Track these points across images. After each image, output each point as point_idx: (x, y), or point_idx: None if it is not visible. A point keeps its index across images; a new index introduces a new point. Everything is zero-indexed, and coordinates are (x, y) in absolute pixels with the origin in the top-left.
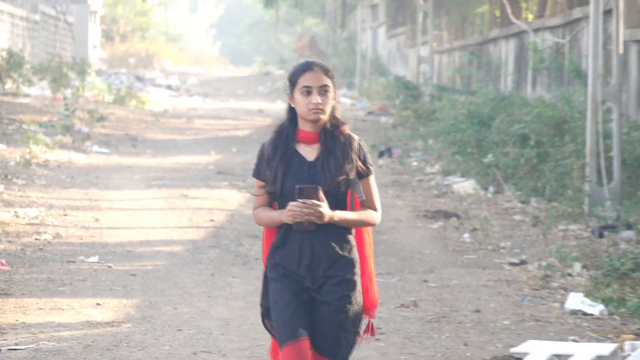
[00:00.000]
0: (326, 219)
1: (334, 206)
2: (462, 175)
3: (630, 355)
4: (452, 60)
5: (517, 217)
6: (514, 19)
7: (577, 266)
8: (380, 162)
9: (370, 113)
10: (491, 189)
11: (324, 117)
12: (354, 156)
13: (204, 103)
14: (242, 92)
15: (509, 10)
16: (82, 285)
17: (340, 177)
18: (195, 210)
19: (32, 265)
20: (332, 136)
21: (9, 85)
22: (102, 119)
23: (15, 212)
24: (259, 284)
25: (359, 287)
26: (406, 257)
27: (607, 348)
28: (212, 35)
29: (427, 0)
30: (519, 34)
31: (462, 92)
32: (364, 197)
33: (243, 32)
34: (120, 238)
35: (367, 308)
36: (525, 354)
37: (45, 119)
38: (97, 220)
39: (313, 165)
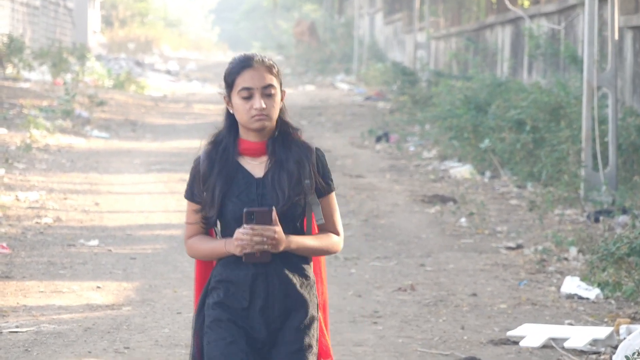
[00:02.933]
0: (282, 247)
1: (288, 231)
2: (459, 160)
3: (625, 338)
4: (449, 46)
5: (514, 202)
6: (510, 5)
7: (573, 250)
8: (378, 147)
9: (367, 98)
10: (488, 173)
11: (270, 124)
12: (313, 169)
13: (203, 88)
14: None
15: None
16: (83, 269)
17: (297, 196)
18: None
19: (33, 249)
20: (283, 146)
21: (10, 70)
22: (101, 103)
23: (16, 195)
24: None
25: (317, 334)
26: (403, 241)
27: (602, 332)
28: (211, 21)
29: None
30: (515, 20)
31: (459, 77)
32: (323, 220)
33: (241, 17)
34: (120, 222)
35: (321, 355)
36: (522, 337)
37: (45, 103)
38: (97, 204)
39: (262, 183)
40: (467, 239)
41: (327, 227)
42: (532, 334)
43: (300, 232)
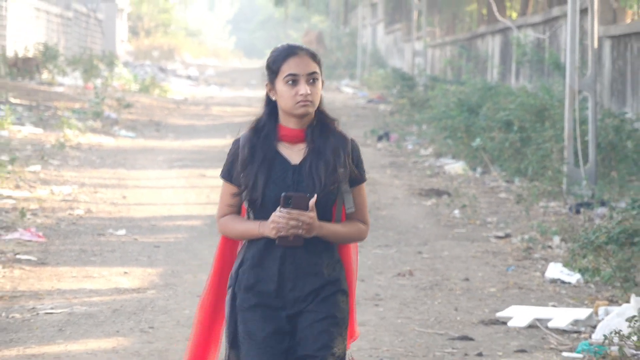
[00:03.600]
0: (315, 231)
1: (319, 217)
2: (453, 157)
3: (603, 319)
4: (444, 53)
5: (502, 195)
6: (499, 17)
7: (556, 239)
8: (379, 145)
9: (370, 101)
10: (479, 169)
11: (313, 110)
12: (348, 159)
13: (221, 92)
14: (255, 82)
15: (495, 8)
16: (111, 256)
17: (332, 185)
18: (212, 188)
19: (66, 238)
20: (321, 135)
21: (45, 75)
22: (128, 106)
23: (51, 189)
24: None
25: (346, 312)
26: (402, 231)
27: (583, 313)
28: (228, 31)
29: (418, 0)
30: (504, 30)
31: (453, 82)
32: (354, 209)
33: (255, 28)
34: (145, 213)
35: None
36: (510, 317)
37: (77, 106)
38: (124, 197)
39: (298, 170)
40: (460, 229)
41: (356, 216)
42: (519, 315)
43: (330, 218)
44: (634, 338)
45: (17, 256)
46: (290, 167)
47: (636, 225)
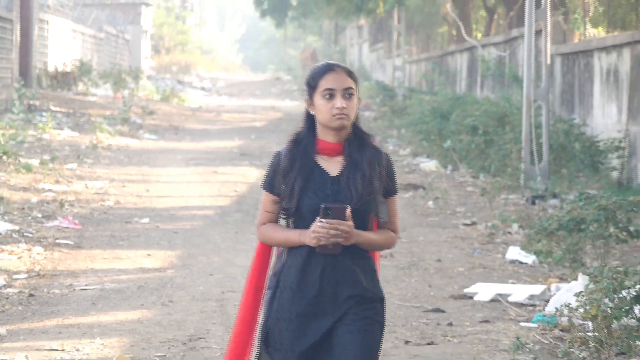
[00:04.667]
0: (352, 239)
1: (356, 226)
2: (428, 157)
3: (555, 294)
4: (420, 68)
5: (469, 189)
6: (466, 37)
7: (515, 226)
8: None
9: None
10: (449, 167)
11: (349, 124)
12: (382, 172)
13: (230, 101)
14: (259, 92)
15: (462, 30)
16: (137, 240)
17: (368, 196)
18: (223, 183)
19: (98, 225)
20: (358, 149)
21: (80, 87)
22: (151, 113)
23: (86, 184)
24: None
25: (382, 316)
26: None
27: (538, 289)
28: (236, 49)
29: (400, 22)
30: (471, 49)
31: (427, 93)
32: (387, 218)
33: (260, 46)
34: (166, 204)
35: None
36: (475, 293)
37: (108, 113)
38: (147, 190)
39: (337, 181)
40: (434, 218)
41: (388, 225)
42: (483, 291)
43: (365, 227)
44: (581, 310)
45: (57, 241)
46: (329, 178)
47: (582, 214)
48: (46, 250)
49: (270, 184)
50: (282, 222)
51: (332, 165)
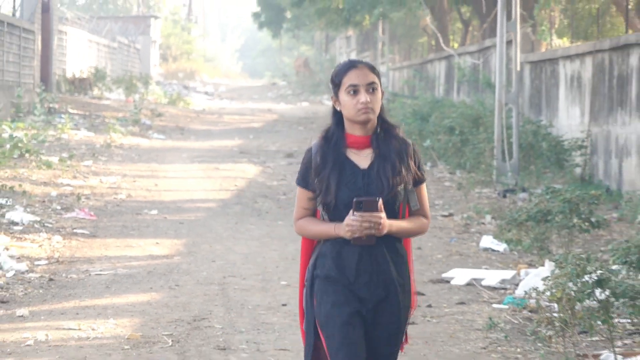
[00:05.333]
0: (385, 230)
1: (389, 216)
2: None
3: (524, 279)
4: (402, 75)
5: (447, 184)
6: (444, 47)
7: (488, 217)
8: None
9: None
10: (429, 164)
11: (374, 117)
12: (410, 162)
13: (230, 104)
14: (256, 96)
15: (441, 40)
16: (146, 230)
17: (399, 186)
18: (224, 178)
19: (112, 216)
20: (385, 140)
21: (96, 91)
22: (159, 115)
23: (100, 179)
24: (269, 230)
25: (409, 300)
26: None
27: (508, 274)
28: (236, 57)
29: (384, 34)
30: (448, 57)
31: (409, 97)
32: (418, 206)
33: (257, 55)
34: (172, 197)
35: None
36: (452, 277)
37: (120, 115)
38: (156, 185)
39: (367, 174)
40: None
41: (420, 212)
42: (459, 276)
43: (397, 216)
44: (548, 293)
45: (74, 230)
46: (360, 171)
47: (549, 206)
48: (64, 239)
49: (304, 181)
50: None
51: (362, 159)
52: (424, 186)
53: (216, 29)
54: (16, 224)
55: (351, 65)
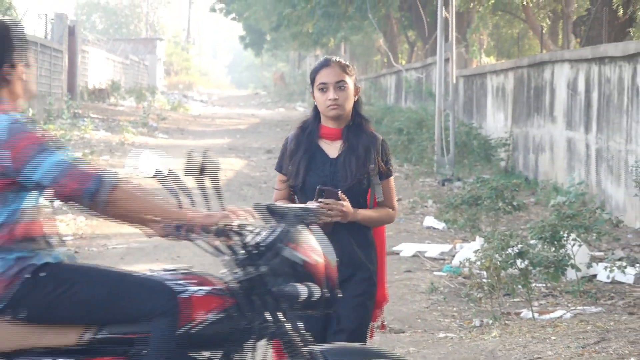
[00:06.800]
0: (349, 217)
1: (355, 205)
2: None
3: (459, 251)
4: (360, 86)
5: (397, 175)
6: (394, 63)
7: (430, 202)
8: None
9: None
10: None
11: (343, 113)
12: (377, 156)
13: (221, 110)
14: (242, 104)
15: (391, 58)
16: None
17: (361, 176)
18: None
19: None
20: (355, 134)
21: (112, 100)
22: (164, 118)
23: (116, 171)
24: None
25: (375, 286)
26: None
27: (446, 247)
28: (226, 72)
29: (345, 52)
30: (397, 72)
31: (366, 104)
32: (382, 198)
33: (243, 69)
34: None
35: (380, 301)
36: (401, 250)
37: (132, 118)
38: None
39: (335, 163)
40: None
41: (385, 203)
42: (407, 249)
43: (364, 205)
44: (478, 263)
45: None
46: (329, 160)
47: (479, 193)
48: (87, 219)
49: (279, 165)
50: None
51: (332, 149)
52: (391, 180)
53: (209, 49)
54: (47, 206)
55: (324, 64)
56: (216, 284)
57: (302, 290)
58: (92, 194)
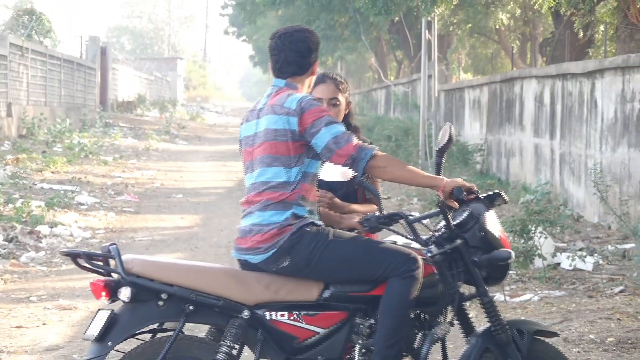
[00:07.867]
0: (339, 210)
1: (346, 200)
2: None
3: None
4: (354, 99)
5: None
6: (384, 79)
7: (415, 199)
8: None
9: None
10: None
11: None
12: None
13: (234, 120)
14: None
15: (382, 75)
16: (174, 208)
17: (353, 182)
18: (229, 172)
19: (150, 199)
20: None
21: (139, 111)
22: (183, 127)
23: (142, 173)
24: None
25: None
26: None
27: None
28: (237, 86)
29: (342, 70)
30: (387, 87)
31: (359, 115)
32: (371, 195)
33: (252, 85)
34: (193, 185)
35: None
36: (394, 242)
37: (156, 127)
38: (181, 177)
39: None
40: None
41: (372, 201)
42: (395, 240)
43: (354, 201)
44: None
45: (123, 209)
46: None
47: None
48: (117, 214)
49: None
50: None
51: None
52: (377, 181)
53: (223, 66)
54: (82, 204)
55: (321, 80)
56: (421, 254)
57: (507, 253)
58: (358, 160)
